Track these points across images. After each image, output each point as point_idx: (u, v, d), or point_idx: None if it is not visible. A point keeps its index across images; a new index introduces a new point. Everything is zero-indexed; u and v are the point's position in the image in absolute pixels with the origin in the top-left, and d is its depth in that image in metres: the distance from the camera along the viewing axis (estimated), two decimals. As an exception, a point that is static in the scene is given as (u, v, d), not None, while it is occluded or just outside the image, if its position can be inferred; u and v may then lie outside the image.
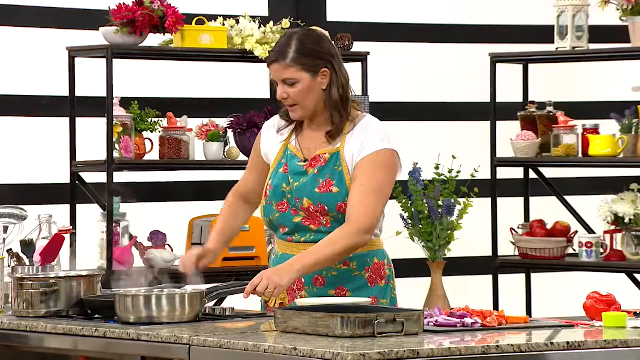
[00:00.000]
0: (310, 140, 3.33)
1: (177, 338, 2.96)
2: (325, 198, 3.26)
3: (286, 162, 3.33)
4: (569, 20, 4.95)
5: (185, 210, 5.09)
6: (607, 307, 3.14)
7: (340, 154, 3.28)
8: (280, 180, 3.32)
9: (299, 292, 3.32)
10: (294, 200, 3.29)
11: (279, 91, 3.30)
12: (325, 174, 3.28)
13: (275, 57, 3.28)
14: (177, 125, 4.81)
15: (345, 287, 3.30)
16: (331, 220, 3.27)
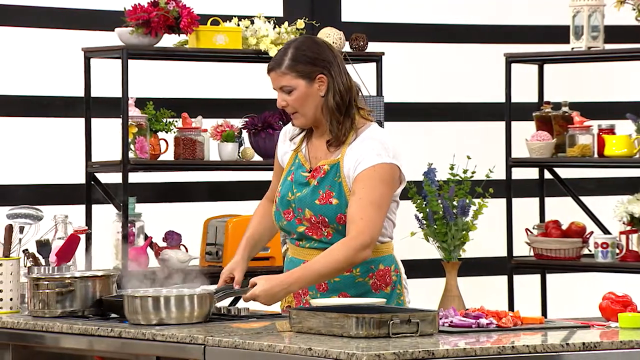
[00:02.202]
0: (316, 149, 3.33)
1: (192, 338, 2.97)
2: (325, 210, 3.26)
3: (295, 170, 3.35)
4: (584, 20, 4.94)
5: (200, 211, 5.10)
6: (622, 308, 3.13)
7: (340, 165, 3.28)
8: (286, 189, 3.34)
9: (304, 296, 3.34)
10: (297, 210, 3.31)
11: (279, 99, 3.32)
12: (325, 185, 3.28)
13: (272, 66, 3.30)
14: (192, 126, 4.82)
15: (348, 293, 3.30)
16: (332, 231, 3.28)
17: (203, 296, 3.15)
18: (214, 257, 4.84)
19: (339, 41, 4.96)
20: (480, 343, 2.83)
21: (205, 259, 4.87)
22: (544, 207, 5.27)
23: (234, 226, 4.80)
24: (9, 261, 3.44)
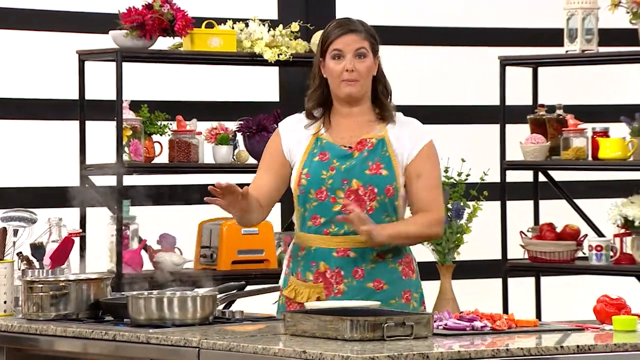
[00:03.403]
0: (344, 130, 3.34)
1: (187, 341, 2.96)
2: (375, 180, 3.29)
3: (322, 150, 3.33)
4: (578, 23, 4.95)
5: (194, 214, 5.09)
6: (617, 311, 3.13)
7: (386, 140, 3.33)
8: (317, 167, 3.32)
9: (337, 285, 3.32)
10: (338, 183, 3.28)
11: (347, 63, 3.31)
12: (374, 157, 3.32)
13: (353, 28, 3.34)
14: (187, 129, 4.82)
15: (382, 280, 3.32)
16: (376, 206, 3.29)
17: (206, 298, 3.16)
18: (208, 259, 4.83)
19: (333, 44, 4.96)
20: (475, 346, 2.83)
21: (200, 262, 4.87)
22: (539, 210, 5.27)
23: (229, 229, 4.80)
24: (3, 264, 3.44)
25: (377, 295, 3.31)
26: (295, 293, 3.35)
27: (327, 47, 3.34)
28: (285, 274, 3.42)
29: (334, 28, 3.35)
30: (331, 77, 3.34)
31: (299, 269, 3.36)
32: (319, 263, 3.32)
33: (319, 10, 5.39)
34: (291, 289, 3.36)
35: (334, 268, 3.31)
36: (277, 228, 5.16)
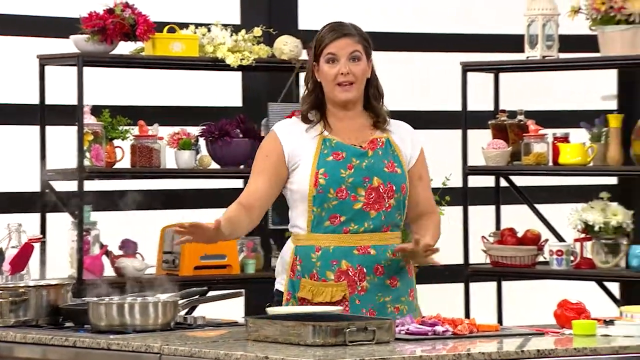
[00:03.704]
0: (348, 131, 3.37)
1: (148, 347, 2.95)
2: (393, 178, 3.35)
3: (334, 150, 3.33)
4: (539, 29, 4.98)
5: (156, 219, 5.07)
6: (576, 315, 3.15)
7: (391, 140, 3.39)
8: (335, 167, 3.32)
9: (360, 282, 3.33)
10: (360, 181, 3.31)
11: (342, 67, 3.34)
12: (387, 155, 3.37)
13: (347, 32, 3.37)
14: (149, 134, 4.80)
15: (396, 277, 3.37)
16: (393, 204, 3.35)
17: (168, 303, 3.14)
18: (170, 265, 4.82)
19: (296, 49, 4.96)
20: (437, 350, 2.84)
21: (162, 267, 4.85)
22: (500, 214, 5.30)
23: (191, 234, 4.77)
24: (-38, 270, 3.40)
25: (392, 292, 3.36)
26: (313, 294, 3.33)
27: (321, 51, 3.35)
28: (290, 277, 3.37)
29: (328, 32, 3.38)
30: (325, 81, 3.36)
31: (314, 269, 3.34)
32: (340, 262, 3.33)
33: (282, 15, 5.39)
34: (307, 290, 3.34)
35: (357, 266, 3.32)
36: (240, 233, 5.15)
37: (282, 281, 3.41)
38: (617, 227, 4.83)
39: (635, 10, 4.79)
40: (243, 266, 4.91)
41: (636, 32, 4.80)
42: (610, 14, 4.82)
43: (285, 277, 3.39)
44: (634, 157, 4.85)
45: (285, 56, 4.95)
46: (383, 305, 3.33)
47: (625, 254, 4.84)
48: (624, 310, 3.25)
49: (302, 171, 3.34)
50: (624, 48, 4.81)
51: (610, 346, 2.91)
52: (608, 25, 4.83)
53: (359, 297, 3.32)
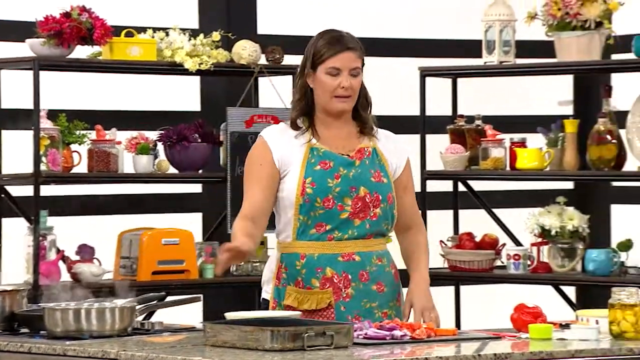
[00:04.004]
0: (336, 139, 3.38)
1: (105, 353, 2.93)
2: (379, 187, 3.36)
3: (322, 159, 3.34)
4: (496, 35, 5.02)
5: (114, 224, 5.04)
6: (533, 319, 3.18)
7: (377, 149, 3.40)
8: (322, 176, 3.33)
9: (345, 289, 3.34)
10: (347, 190, 3.32)
11: (344, 81, 3.37)
12: (374, 165, 3.39)
13: (353, 45, 3.40)
14: (106, 138, 4.77)
15: (382, 283, 3.38)
16: (379, 213, 3.36)
17: (125, 309, 3.13)
18: (128, 270, 4.79)
19: (254, 54, 4.96)
20: (394, 355, 2.85)
21: (120, 273, 4.82)
22: (458, 219, 5.32)
23: (149, 239, 4.76)
24: None
25: (379, 297, 3.37)
26: (299, 302, 3.33)
27: (322, 62, 3.37)
28: (275, 285, 3.38)
29: (330, 44, 3.39)
30: (322, 91, 3.37)
31: (299, 277, 3.35)
32: (325, 269, 3.34)
33: (240, 19, 5.38)
34: (293, 298, 3.34)
35: (342, 272, 3.34)
36: (198, 238, 5.14)
37: (269, 290, 3.41)
38: (573, 232, 4.87)
39: (590, 17, 4.84)
40: (201, 271, 4.90)
41: (592, 38, 4.85)
42: (566, 20, 4.86)
43: (271, 286, 3.40)
44: (590, 162, 4.90)
45: (244, 61, 4.95)
46: (370, 311, 3.35)
47: (581, 258, 4.88)
48: (579, 314, 3.28)
49: (290, 179, 3.35)
50: (579, 54, 4.86)
51: (566, 350, 2.94)
52: (564, 31, 4.87)
53: (344, 304, 3.33)
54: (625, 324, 3.06)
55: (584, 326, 3.11)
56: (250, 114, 4.96)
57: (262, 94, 5.13)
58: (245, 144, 4.95)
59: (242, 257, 3.31)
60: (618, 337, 3.08)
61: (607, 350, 2.96)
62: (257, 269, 5.00)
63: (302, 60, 3.45)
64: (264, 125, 5.00)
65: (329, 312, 3.31)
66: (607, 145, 4.84)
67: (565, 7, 4.85)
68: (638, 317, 3.06)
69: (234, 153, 4.93)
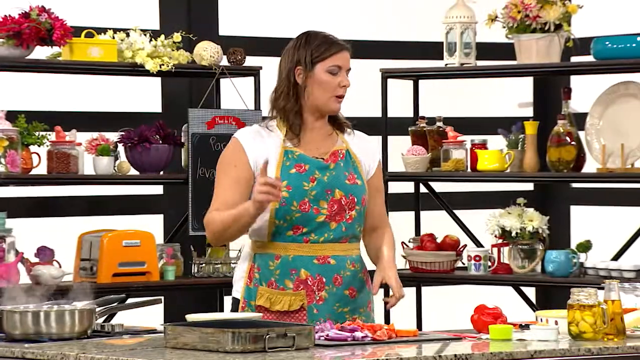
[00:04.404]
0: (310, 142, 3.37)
1: (64, 356, 2.91)
2: (354, 189, 3.37)
3: (297, 162, 3.33)
4: (457, 37, 5.04)
5: (74, 226, 5.01)
6: (493, 320, 3.20)
7: (351, 152, 3.41)
8: (297, 179, 3.32)
9: (319, 292, 3.33)
10: (322, 193, 3.31)
11: (345, 80, 3.42)
12: (348, 167, 3.39)
13: (347, 46, 3.45)
14: (66, 139, 4.74)
15: (355, 288, 3.39)
16: (354, 215, 3.36)
17: (84, 311, 3.11)
18: (88, 272, 4.76)
19: (216, 55, 4.95)
20: (356, 356, 2.85)
21: (80, 275, 4.79)
22: (420, 220, 5.34)
23: (109, 241, 4.73)
24: None
25: (352, 302, 3.38)
26: (271, 302, 3.32)
27: (322, 60, 3.36)
28: (246, 284, 3.37)
29: (329, 43, 3.42)
30: (323, 90, 3.36)
31: (272, 277, 3.34)
32: (299, 271, 3.33)
33: (202, 20, 5.37)
34: (265, 298, 3.33)
35: (316, 275, 3.33)
36: (160, 240, 5.11)
37: (239, 288, 3.40)
38: (533, 233, 4.90)
39: (550, 19, 4.87)
40: (163, 273, 4.88)
41: (551, 40, 4.89)
42: (526, 22, 4.89)
43: (242, 285, 3.38)
44: (550, 164, 4.94)
45: (206, 62, 4.94)
46: (341, 316, 3.36)
47: (541, 259, 4.92)
48: (539, 314, 3.30)
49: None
50: (539, 56, 4.90)
51: (526, 350, 2.96)
52: (524, 33, 4.90)
53: (317, 307, 3.34)
54: (583, 325, 3.08)
55: (543, 327, 3.13)
56: (211, 115, 4.95)
57: (224, 95, 5.12)
58: (206, 145, 4.93)
59: (275, 198, 3.23)
60: (577, 337, 3.10)
61: (566, 351, 2.99)
62: (218, 271, 4.99)
63: (288, 62, 3.41)
64: (225, 127, 4.99)
65: (301, 314, 3.31)
66: (567, 147, 4.88)
67: (525, 10, 4.88)
68: (596, 318, 3.08)
69: (195, 154, 4.91)
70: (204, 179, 4.91)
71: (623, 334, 3.13)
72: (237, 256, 5.03)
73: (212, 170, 4.93)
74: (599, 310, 3.08)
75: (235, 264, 5.01)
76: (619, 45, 4.76)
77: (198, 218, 4.90)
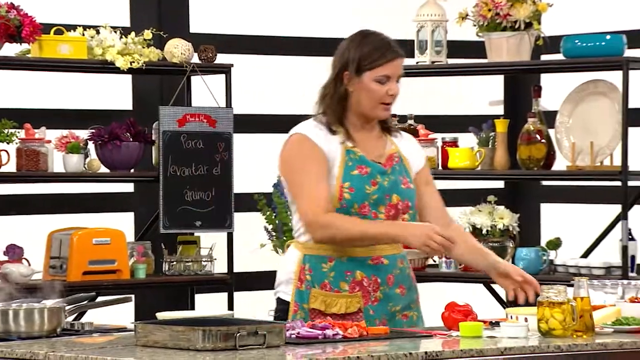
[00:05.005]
0: (367, 144, 3.34)
1: (33, 354, 2.89)
2: (409, 194, 3.37)
3: (359, 164, 3.30)
4: (428, 35, 5.06)
5: (43, 224, 4.98)
6: (464, 317, 3.21)
7: (401, 154, 3.40)
8: (360, 182, 3.29)
9: (374, 293, 3.32)
10: (382, 198, 3.29)
11: (393, 88, 3.33)
12: (402, 172, 3.37)
13: (401, 52, 3.36)
14: (35, 137, 4.71)
15: (404, 285, 3.38)
16: (407, 219, 3.35)
17: (54, 309, 3.09)
18: (57, 270, 4.73)
19: (187, 52, 4.93)
20: (327, 354, 2.85)
21: (49, 273, 4.76)
22: (391, 218, 5.34)
23: (79, 239, 4.71)
24: None
25: (403, 300, 3.37)
26: (326, 305, 3.29)
27: (371, 69, 3.29)
28: (297, 287, 3.32)
29: (381, 50, 3.32)
30: (369, 98, 3.30)
31: (326, 279, 3.30)
32: (354, 272, 3.31)
33: (173, 18, 5.35)
34: (320, 301, 3.29)
35: (371, 276, 3.31)
36: (130, 238, 5.10)
37: (288, 291, 3.34)
38: (504, 230, 4.92)
39: (520, 18, 4.89)
40: (133, 271, 4.86)
41: (521, 38, 4.91)
42: (497, 20, 4.91)
43: (292, 287, 3.33)
44: (520, 162, 4.96)
45: (177, 59, 4.92)
46: (393, 315, 3.35)
47: (511, 257, 4.94)
48: (509, 311, 3.32)
49: (331, 180, 3.28)
50: (509, 54, 4.92)
51: (496, 347, 2.97)
52: (494, 32, 4.92)
53: (372, 308, 3.32)
54: (553, 322, 3.10)
55: (513, 324, 3.14)
56: (182, 112, 4.94)
57: (195, 93, 5.10)
58: (177, 143, 4.92)
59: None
60: (546, 334, 3.12)
61: (536, 348, 3.00)
62: (189, 269, 4.98)
63: (338, 62, 3.34)
64: (196, 125, 4.98)
65: (358, 316, 3.28)
66: (537, 145, 4.90)
67: (496, 8, 4.90)
68: (566, 315, 3.10)
69: (166, 152, 4.90)
70: (175, 177, 4.90)
71: (592, 331, 3.15)
72: (209, 254, 5.02)
73: (183, 167, 4.91)
74: (568, 308, 3.10)
75: (207, 262, 5.00)
76: (588, 44, 4.79)
77: (169, 216, 4.88)
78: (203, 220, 4.92)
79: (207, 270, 4.99)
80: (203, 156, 4.94)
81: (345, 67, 3.32)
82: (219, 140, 4.97)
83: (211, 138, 4.96)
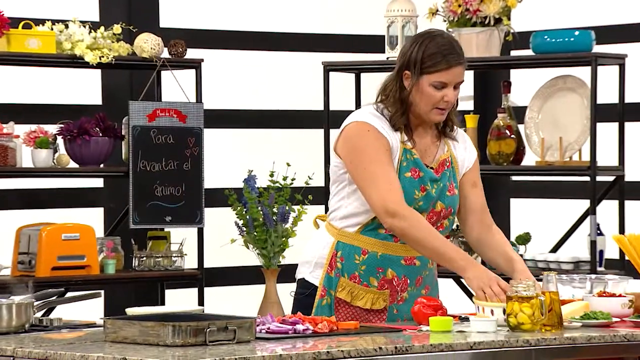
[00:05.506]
0: (423, 145, 3.32)
1: (1, 350, 2.87)
2: (452, 201, 3.34)
3: (413, 167, 3.28)
4: (398, 30, 5.07)
5: (12, 219, 4.95)
6: (433, 312, 3.22)
7: (453, 158, 3.36)
8: (411, 186, 3.28)
9: (402, 293, 3.31)
10: (428, 205, 3.28)
11: (450, 95, 3.26)
12: (450, 177, 3.34)
13: (463, 59, 3.28)
14: (3, 132, 4.68)
15: (429, 286, 3.38)
16: (447, 224, 3.34)
17: (22, 305, 3.07)
18: (26, 266, 4.71)
19: (157, 47, 4.92)
20: (297, 349, 2.85)
21: (18, 269, 4.74)
22: (361, 213, 5.35)
23: (48, 234, 4.68)
24: None
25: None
26: (352, 297, 3.28)
27: (430, 73, 3.25)
28: (327, 272, 3.29)
29: (444, 55, 3.25)
30: (424, 102, 3.27)
31: (356, 271, 3.29)
32: (386, 270, 3.30)
33: (142, 12, 5.33)
34: (347, 292, 3.28)
35: (402, 276, 3.31)
36: (100, 233, 5.07)
37: (317, 275, 3.31)
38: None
39: (490, 13, 4.91)
40: (103, 266, 4.84)
41: (491, 34, 4.93)
42: (467, 16, 4.93)
43: (322, 272, 3.30)
44: (490, 157, 4.98)
45: (146, 54, 4.90)
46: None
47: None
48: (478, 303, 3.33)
49: None
50: (479, 50, 4.93)
51: (466, 342, 2.98)
52: (464, 27, 4.94)
53: (397, 307, 3.32)
54: (522, 316, 3.12)
55: (482, 319, 3.16)
56: (152, 107, 4.92)
57: (165, 87, 5.09)
58: (147, 138, 4.90)
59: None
60: (515, 328, 3.13)
61: (505, 342, 3.02)
62: (159, 264, 4.96)
63: (401, 59, 3.30)
64: (166, 120, 4.97)
65: (382, 314, 3.29)
66: (506, 140, 4.92)
67: (466, 4, 4.92)
68: (534, 309, 3.12)
69: (136, 147, 4.88)
70: (145, 172, 4.88)
71: (560, 325, 3.17)
72: (179, 249, 5.00)
73: (153, 163, 4.90)
74: (537, 302, 3.11)
75: (177, 258, 4.99)
76: (557, 40, 4.81)
77: (138, 211, 4.87)
78: (173, 215, 4.91)
79: (177, 265, 4.98)
80: (173, 151, 4.93)
81: (406, 66, 3.29)
82: (189, 136, 4.96)
83: (181, 133, 4.95)
